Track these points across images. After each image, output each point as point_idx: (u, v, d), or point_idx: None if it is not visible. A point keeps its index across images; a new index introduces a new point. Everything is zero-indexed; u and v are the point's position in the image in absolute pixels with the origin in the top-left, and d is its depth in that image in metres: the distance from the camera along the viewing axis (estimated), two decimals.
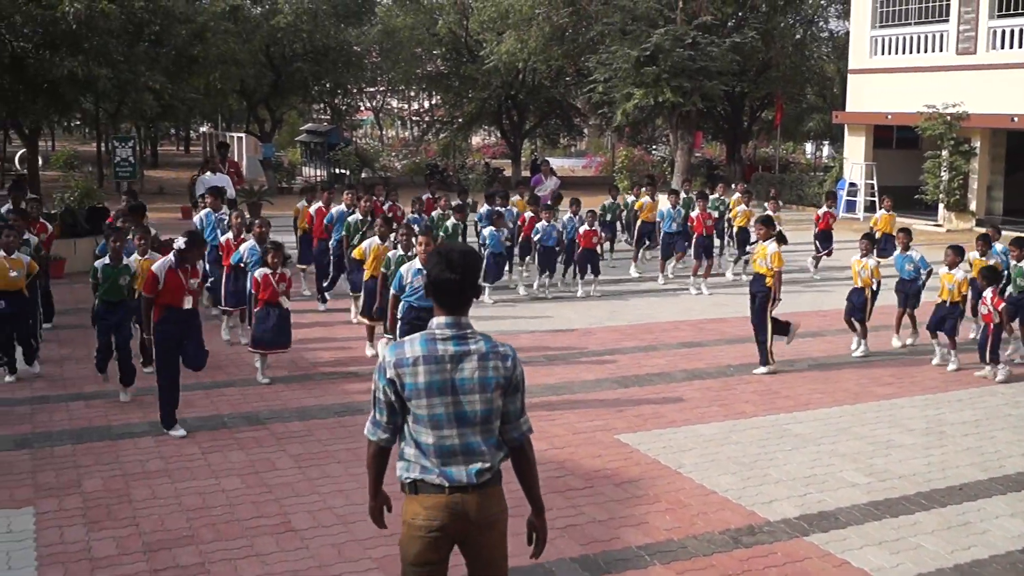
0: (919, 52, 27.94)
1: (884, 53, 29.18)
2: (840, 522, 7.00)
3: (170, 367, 8.73)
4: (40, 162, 30.12)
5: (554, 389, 10.38)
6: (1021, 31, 25.12)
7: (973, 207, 26.73)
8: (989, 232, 13.25)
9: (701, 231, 16.73)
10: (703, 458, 8.31)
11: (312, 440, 8.63)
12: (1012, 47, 25.27)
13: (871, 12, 29.19)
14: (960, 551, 6.56)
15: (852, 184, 29.36)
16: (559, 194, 17.79)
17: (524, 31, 34.46)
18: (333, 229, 14.17)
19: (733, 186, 22.51)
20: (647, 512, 7.13)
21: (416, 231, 11.05)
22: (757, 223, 11.79)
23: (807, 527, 6.89)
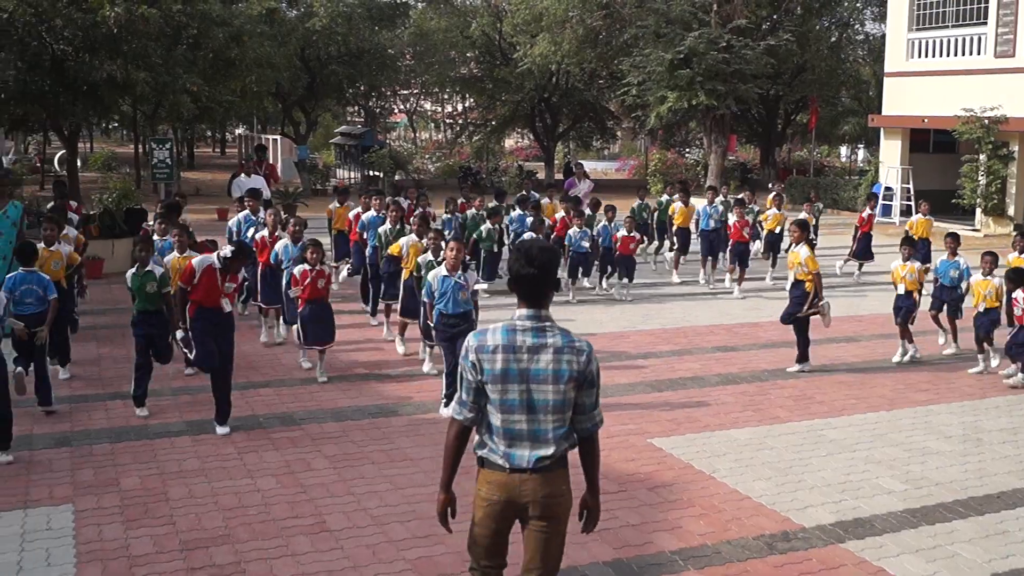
0: (956, 55, 27.62)
1: (921, 56, 28.87)
2: (876, 529, 6.94)
3: (207, 360, 8.78)
4: (79, 164, 30.52)
5: None
6: None
7: (1011, 212, 26.33)
8: None
9: (738, 237, 16.63)
10: (737, 463, 8.28)
11: (347, 441, 8.68)
12: None
13: (908, 14, 28.90)
14: (998, 560, 6.49)
15: (888, 188, 29.06)
16: (598, 200, 17.81)
17: (557, 34, 34.50)
18: (367, 235, 13.89)
19: (770, 185, 22.38)
20: (681, 517, 7.12)
21: (445, 236, 11.10)
22: (792, 225, 11.73)
23: (842, 534, 6.84)
